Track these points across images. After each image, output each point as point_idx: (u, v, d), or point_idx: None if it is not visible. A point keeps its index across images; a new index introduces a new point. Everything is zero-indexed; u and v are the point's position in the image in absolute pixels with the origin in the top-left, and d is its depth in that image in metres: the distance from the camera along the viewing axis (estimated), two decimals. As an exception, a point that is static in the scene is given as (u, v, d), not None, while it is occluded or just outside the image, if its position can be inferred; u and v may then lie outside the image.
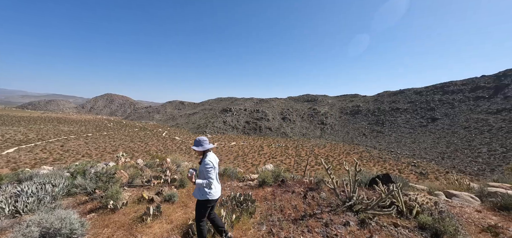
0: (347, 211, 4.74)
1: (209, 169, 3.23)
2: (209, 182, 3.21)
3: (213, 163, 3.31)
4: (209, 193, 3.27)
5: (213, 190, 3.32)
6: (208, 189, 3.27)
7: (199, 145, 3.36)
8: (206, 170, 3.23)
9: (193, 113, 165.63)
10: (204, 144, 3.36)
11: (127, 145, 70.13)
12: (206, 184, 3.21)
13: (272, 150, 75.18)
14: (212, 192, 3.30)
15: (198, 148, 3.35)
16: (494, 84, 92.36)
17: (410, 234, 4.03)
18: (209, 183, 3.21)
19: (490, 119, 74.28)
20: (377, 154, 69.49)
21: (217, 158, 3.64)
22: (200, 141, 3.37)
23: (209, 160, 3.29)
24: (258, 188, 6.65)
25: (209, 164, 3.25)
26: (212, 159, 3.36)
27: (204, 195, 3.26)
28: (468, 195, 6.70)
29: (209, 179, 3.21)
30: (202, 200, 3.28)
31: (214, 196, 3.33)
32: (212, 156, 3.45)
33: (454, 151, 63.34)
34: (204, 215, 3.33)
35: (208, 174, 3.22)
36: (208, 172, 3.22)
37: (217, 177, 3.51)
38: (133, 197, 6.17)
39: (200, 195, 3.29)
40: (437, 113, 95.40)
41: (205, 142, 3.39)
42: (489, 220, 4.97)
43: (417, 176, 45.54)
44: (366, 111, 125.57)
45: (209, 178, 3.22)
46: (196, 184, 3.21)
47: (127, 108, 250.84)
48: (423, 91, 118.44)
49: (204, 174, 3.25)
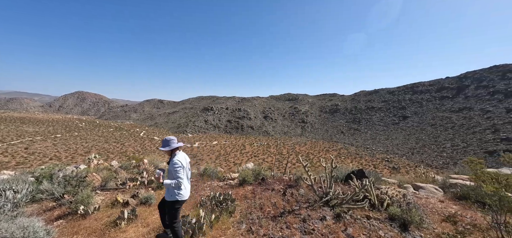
0: (324, 206, 4.92)
1: (177, 169, 3.15)
2: (178, 182, 3.12)
3: (182, 163, 3.24)
4: (179, 194, 3.21)
5: (183, 191, 3.26)
6: (178, 189, 3.20)
7: (166, 145, 3.29)
8: (174, 170, 3.15)
9: (173, 112, 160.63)
10: (172, 144, 3.29)
11: (101, 146, 66.21)
12: (174, 184, 3.13)
13: (254, 148, 75.48)
14: (182, 192, 3.24)
15: (165, 148, 3.27)
16: (457, 85, 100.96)
17: (381, 225, 4.29)
18: (178, 183, 3.13)
19: (453, 116, 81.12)
20: (354, 151, 72.76)
21: (188, 157, 3.58)
22: (167, 140, 3.30)
23: (177, 159, 3.21)
24: (238, 187, 6.65)
25: (177, 163, 3.17)
26: (181, 158, 3.29)
27: (174, 196, 3.19)
28: (433, 187, 7.27)
29: (178, 179, 3.13)
30: (172, 201, 3.21)
31: (184, 197, 3.27)
32: (182, 155, 3.38)
33: (423, 147, 68.30)
34: (177, 216, 3.27)
35: (177, 174, 3.14)
36: (176, 171, 3.14)
37: (187, 177, 3.46)
38: (106, 201, 5.87)
39: (169, 196, 3.22)
40: (408, 112, 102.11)
41: (172, 141, 3.32)
42: (450, 209, 5.44)
43: (390, 170, 48.44)
44: (344, 110, 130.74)
45: (178, 178, 3.13)
46: (164, 185, 3.13)
47: (101, 107, 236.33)
48: (395, 91, 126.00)
49: (173, 174, 3.17)
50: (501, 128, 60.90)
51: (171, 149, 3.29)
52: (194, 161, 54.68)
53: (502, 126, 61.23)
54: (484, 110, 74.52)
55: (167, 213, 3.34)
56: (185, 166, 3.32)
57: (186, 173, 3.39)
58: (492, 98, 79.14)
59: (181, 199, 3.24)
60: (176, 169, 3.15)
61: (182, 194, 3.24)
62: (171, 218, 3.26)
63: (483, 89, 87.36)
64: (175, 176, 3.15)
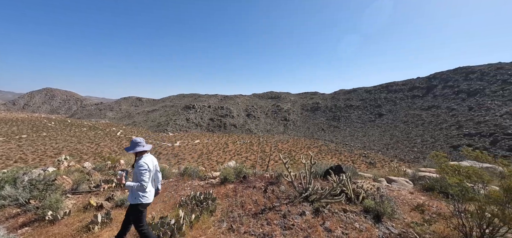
0: (303, 202, 5.05)
1: (143, 171, 3.11)
2: (141, 185, 3.08)
3: (148, 165, 3.19)
4: (143, 197, 3.16)
5: (148, 194, 3.22)
6: (142, 192, 3.16)
7: (132, 147, 3.25)
8: (140, 172, 3.11)
9: (153, 110, 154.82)
10: (138, 147, 3.25)
11: (74, 147, 62.09)
12: (137, 187, 3.09)
13: (237, 146, 75.29)
14: (146, 195, 3.20)
15: (130, 150, 3.23)
16: (426, 85, 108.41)
17: (357, 217, 4.50)
18: (141, 186, 3.08)
19: (423, 114, 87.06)
20: (334, 147, 75.39)
21: (156, 160, 3.56)
22: (134, 142, 3.27)
23: (143, 161, 3.17)
24: (220, 185, 6.60)
25: (143, 165, 3.13)
26: (148, 161, 3.25)
27: (137, 198, 3.15)
28: (404, 180, 7.76)
29: (142, 182, 3.08)
30: (135, 204, 3.15)
31: (148, 200, 3.22)
32: (149, 158, 3.35)
33: (396, 142, 72.55)
34: (142, 220, 3.19)
35: (142, 176, 3.09)
36: (141, 174, 3.10)
37: (154, 180, 3.45)
38: (78, 205, 5.54)
39: (133, 198, 3.16)
40: (383, 110, 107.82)
41: (139, 143, 3.28)
42: (419, 200, 5.85)
43: (367, 165, 50.89)
44: (324, 108, 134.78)
45: (142, 181, 3.08)
46: (126, 187, 3.10)
47: (73, 105, 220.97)
48: (372, 90, 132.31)
49: (138, 176, 3.13)
50: (464, 124, 66.49)
51: (136, 152, 3.25)
52: (175, 160, 53.31)
53: (465, 123, 66.88)
54: (450, 108, 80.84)
55: (130, 217, 3.26)
56: (152, 169, 3.28)
57: (152, 176, 3.38)
58: (457, 97, 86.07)
59: (145, 202, 3.19)
60: (141, 171, 3.10)
61: (146, 197, 3.19)
62: (135, 222, 3.18)
63: (449, 89, 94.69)
64: (139, 179, 3.10)
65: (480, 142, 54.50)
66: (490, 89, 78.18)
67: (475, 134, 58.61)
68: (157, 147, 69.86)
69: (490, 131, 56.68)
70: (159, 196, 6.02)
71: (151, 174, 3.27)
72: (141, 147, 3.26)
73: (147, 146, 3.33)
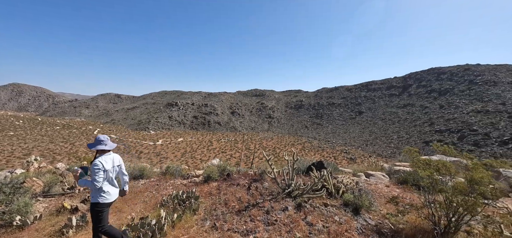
0: (286, 197, 5.15)
1: (96, 170, 3.06)
2: (93, 185, 3.04)
3: (104, 165, 3.13)
4: (100, 196, 3.13)
5: (106, 194, 3.17)
6: (98, 192, 3.12)
7: (95, 144, 3.24)
8: (93, 171, 3.07)
9: (133, 107, 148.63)
10: (99, 145, 3.23)
11: (45, 147, 58.01)
12: (90, 186, 3.06)
13: (222, 144, 74.69)
14: (104, 195, 3.15)
15: (91, 148, 3.26)
16: (402, 84, 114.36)
17: (337, 211, 4.68)
18: (94, 186, 3.04)
19: (399, 112, 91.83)
20: (317, 144, 77.36)
21: (119, 160, 3.51)
22: (97, 140, 3.26)
23: (99, 161, 3.12)
24: (203, 184, 6.53)
25: (97, 165, 3.08)
26: (104, 160, 3.19)
27: (94, 197, 3.12)
28: (381, 174, 8.16)
29: (94, 182, 3.04)
30: (93, 203, 3.14)
31: (106, 200, 3.17)
32: (109, 157, 3.30)
33: (375, 139, 75.98)
34: (100, 219, 3.14)
35: (94, 176, 3.05)
36: (94, 173, 3.06)
37: (115, 180, 3.39)
38: (51, 209, 5.23)
39: (92, 197, 3.14)
40: (363, 108, 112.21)
41: (102, 142, 3.25)
42: (394, 193, 6.19)
43: (348, 161, 52.84)
44: (308, 105, 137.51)
45: (94, 180, 3.04)
46: (79, 184, 3.09)
47: (44, 102, 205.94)
48: (352, 88, 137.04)
49: (92, 175, 3.09)
50: (435, 121, 71.10)
51: (96, 150, 3.24)
52: (157, 160, 51.78)
53: (436, 120, 71.54)
54: (423, 106, 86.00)
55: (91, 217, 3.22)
56: (109, 169, 3.22)
57: (114, 176, 3.35)
58: (429, 96, 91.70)
59: (102, 202, 3.14)
60: (94, 171, 3.06)
61: (104, 197, 3.15)
62: (93, 222, 3.14)
63: (422, 88, 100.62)
64: (92, 178, 3.06)
65: (449, 137, 58.64)
66: (458, 89, 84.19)
67: (445, 130, 62.94)
68: (138, 146, 67.33)
69: (458, 127, 61.16)
70: (140, 196, 5.83)
71: (109, 174, 3.23)
72: (102, 145, 3.23)
73: (108, 146, 3.28)
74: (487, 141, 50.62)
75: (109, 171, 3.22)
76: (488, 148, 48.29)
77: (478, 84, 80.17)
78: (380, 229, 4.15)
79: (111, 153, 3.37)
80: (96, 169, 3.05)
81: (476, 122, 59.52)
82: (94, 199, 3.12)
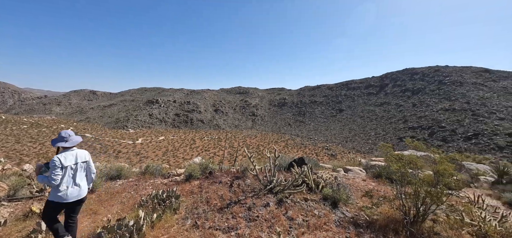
0: (268, 194, 5.22)
1: (52, 167, 2.97)
2: (49, 182, 2.95)
3: (62, 162, 3.03)
4: (55, 195, 3.02)
5: (62, 193, 3.05)
6: (55, 189, 3.02)
7: (57, 141, 3.15)
8: (50, 168, 2.98)
9: (110, 105, 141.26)
10: (59, 142, 3.14)
11: (10, 148, 53.33)
12: (47, 182, 2.97)
13: (205, 142, 73.63)
14: (58, 194, 3.03)
15: (53, 144, 3.16)
16: (379, 83, 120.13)
17: (316, 205, 4.84)
18: (51, 183, 2.95)
19: (377, 110, 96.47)
20: (300, 141, 78.98)
21: (84, 157, 3.36)
22: (59, 136, 3.18)
23: (57, 157, 3.02)
24: (184, 182, 6.42)
25: (54, 161, 2.98)
26: (64, 157, 3.08)
27: (52, 195, 3.03)
28: (359, 169, 8.55)
29: (50, 179, 2.95)
30: (47, 200, 3.06)
31: (60, 199, 3.05)
32: (70, 153, 3.18)
33: (354, 135, 79.22)
34: (49, 217, 3.07)
35: (51, 173, 2.96)
36: (51, 170, 2.96)
37: (82, 178, 3.29)
38: (17, 214, 4.86)
39: (50, 195, 3.05)
40: (343, 106, 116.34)
41: (63, 138, 3.18)
42: (370, 186, 6.52)
43: (329, 157, 54.58)
44: (291, 103, 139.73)
45: (50, 177, 2.95)
46: (38, 180, 3.01)
47: (8, 99, 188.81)
48: (333, 87, 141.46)
49: (49, 172, 3.00)
50: (409, 118, 75.64)
51: (56, 147, 3.15)
52: (137, 159, 49.85)
53: (410, 117, 76.13)
54: (398, 105, 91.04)
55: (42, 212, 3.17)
56: (68, 166, 3.09)
57: (73, 174, 3.19)
58: (404, 95, 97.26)
59: (56, 201, 3.03)
60: (51, 167, 2.96)
61: (59, 196, 3.02)
62: (43, 216, 3.09)
63: (397, 87, 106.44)
64: (49, 175, 2.97)
65: (421, 134, 62.72)
66: (429, 89, 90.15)
67: (417, 127, 67.22)
68: (116, 145, 64.27)
69: (429, 124, 65.60)
70: (117, 197, 5.60)
71: (68, 171, 3.10)
72: (63, 142, 3.14)
73: (69, 142, 3.18)
74: (453, 137, 54.87)
75: (70, 168, 3.09)
76: (454, 143, 52.38)
77: (447, 84, 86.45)
78: (356, 221, 4.37)
79: (74, 149, 3.23)
80: (52, 165, 2.94)
81: (445, 119, 64.20)
82: (51, 197, 3.01)
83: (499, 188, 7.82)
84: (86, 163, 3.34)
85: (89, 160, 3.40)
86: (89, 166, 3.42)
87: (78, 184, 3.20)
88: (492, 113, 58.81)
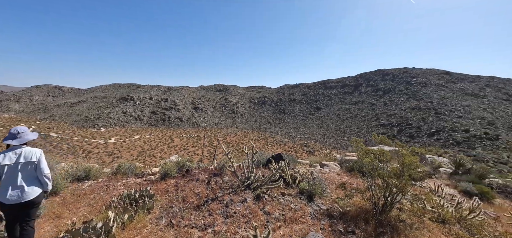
0: (246, 190, 5.23)
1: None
2: None
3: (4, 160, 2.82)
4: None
5: (0, 195, 2.76)
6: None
7: (8, 138, 2.94)
8: None
9: (78, 102, 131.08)
10: (8, 139, 2.94)
11: (-43, 149, 47.36)
12: None
13: (184, 141, 71.66)
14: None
15: (3, 141, 2.99)
16: (354, 83, 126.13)
17: (293, 199, 4.94)
18: None
19: (351, 108, 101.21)
20: (279, 138, 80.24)
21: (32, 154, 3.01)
22: (10, 133, 2.97)
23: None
24: (159, 181, 6.19)
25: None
26: (3, 156, 2.83)
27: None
28: (334, 164, 8.89)
29: None
30: None
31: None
32: (13, 151, 2.91)
33: (331, 133, 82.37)
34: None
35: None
36: None
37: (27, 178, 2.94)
38: (-37, 220, 4.30)
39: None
40: (321, 104, 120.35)
41: (13, 135, 2.95)
42: (343, 179, 6.81)
43: (307, 153, 56.15)
44: (271, 101, 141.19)
45: None
46: None
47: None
48: (312, 86, 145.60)
49: None
50: (380, 116, 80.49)
51: (7, 143, 2.94)
52: (110, 159, 47.05)
53: (381, 115, 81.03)
54: (371, 103, 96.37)
55: None
56: (6, 164, 2.80)
57: (13, 174, 2.85)
58: (376, 94, 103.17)
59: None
60: None
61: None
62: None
63: (370, 87, 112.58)
64: None
65: (391, 130, 67.09)
66: (398, 89, 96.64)
67: (388, 124, 71.78)
68: (85, 145, 59.98)
69: (398, 121, 70.40)
70: (84, 199, 5.23)
71: (6, 171, 2.79)
72: (10, 140, 2.92)
73: (18, 140, 2.93)
74: (419, 133, 59.51)
75: (8, 166, 2.78)
76: (420, 139, 56.82)
77: (413, 85, 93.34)
78: (330, 212, 4.54)
79: (22, 147, 2.94)
80: None
81: (411, 117, 69.33)
82: None
83: (456, 178, 8.63)
84: (33, 162, 2.97)
85: (39, 159, 3.02)
86: (40, 167, 3.03)
87: (21, 186, 2.84)
88: (452, 112, 64.78)
